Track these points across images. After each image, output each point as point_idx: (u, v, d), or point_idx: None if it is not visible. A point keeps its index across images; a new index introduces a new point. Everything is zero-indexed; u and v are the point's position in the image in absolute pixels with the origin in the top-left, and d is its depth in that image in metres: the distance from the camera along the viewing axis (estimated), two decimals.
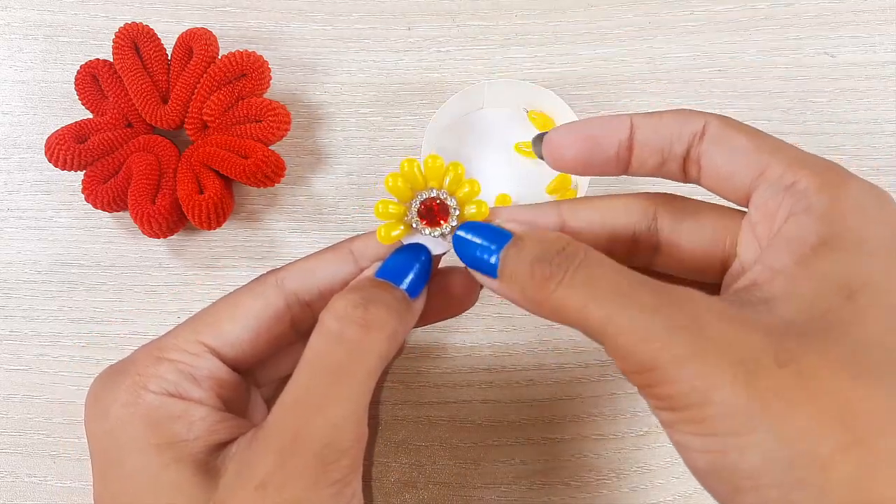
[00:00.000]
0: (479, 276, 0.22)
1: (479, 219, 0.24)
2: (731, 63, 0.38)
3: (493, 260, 0.21)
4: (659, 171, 0.23)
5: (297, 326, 0.25)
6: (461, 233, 0.23)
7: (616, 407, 0.34)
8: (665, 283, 0.19)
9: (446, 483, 0.33)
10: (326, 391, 0.21)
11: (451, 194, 0.25)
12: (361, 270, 0.25)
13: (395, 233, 0.24)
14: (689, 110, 0.22)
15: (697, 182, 0.23)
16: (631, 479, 0.33)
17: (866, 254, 0.18)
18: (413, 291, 0.23)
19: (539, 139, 0.24)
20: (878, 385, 0.16)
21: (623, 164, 0.23)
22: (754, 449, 0.16)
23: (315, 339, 0.22)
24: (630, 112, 0.23)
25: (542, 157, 0.24)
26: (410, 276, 0.23)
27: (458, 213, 0.24)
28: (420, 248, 0.24)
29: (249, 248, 0.36)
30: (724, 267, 0.22)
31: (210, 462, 0.22)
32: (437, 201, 0.24)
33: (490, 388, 0.34)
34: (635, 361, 0.18)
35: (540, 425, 0.34)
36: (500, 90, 0.36)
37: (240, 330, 0.24)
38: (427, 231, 0.24)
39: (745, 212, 0.22)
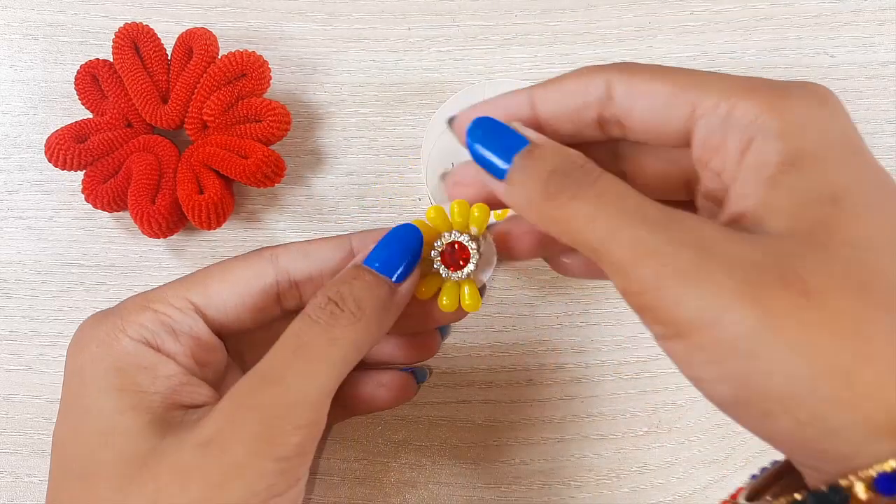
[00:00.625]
0: (485, 177, 0.22)
1: (482, 221, 0.24)
2: (731, 63, 0.38)
3: (502, 164, 0.21)
4: (576, 138, 0.22)
5: (283, 302, 0.26)
6: (473, 131, 0.22)
7: (616, 407, 0.34)
8: (672, 208, 0.18)
9: (446, 483, 0.33)
10: (285, 367, 0.21)
11: (473, 236, 0.25)
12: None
13: (430, 287, 0.25)
14: (590, 70, 0.21)
15: (624, 138, 0.22)
16: (631, 479, 0.33)
17: (834, 162, 0.18)
18: (400, 276, 0.23)
19: (451, 121, 0.23)
20: (881, 296, 0.16)
21: None
22: (777, 371, 0.16)
23: (291, 324, 0.22)
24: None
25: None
26: (397, 261, 0.24)
27: (476, 252, 0.24)
28: (411, 230, 0.24)
29: (249, 248, 0.36)
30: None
31: (167, 419, 0.22)
32: (459, 244, 0.25)
33: (490, 388, 0.34)
34: (637, 279, 0.17)
35: (540, 425, 0.34)
36: (500, 90, 0.36)
37: (227, 294, 0.24)
38: (455, 276, 0.25)
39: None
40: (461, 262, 0.24)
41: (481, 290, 0.25)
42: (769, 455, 0.33)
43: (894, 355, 0.16)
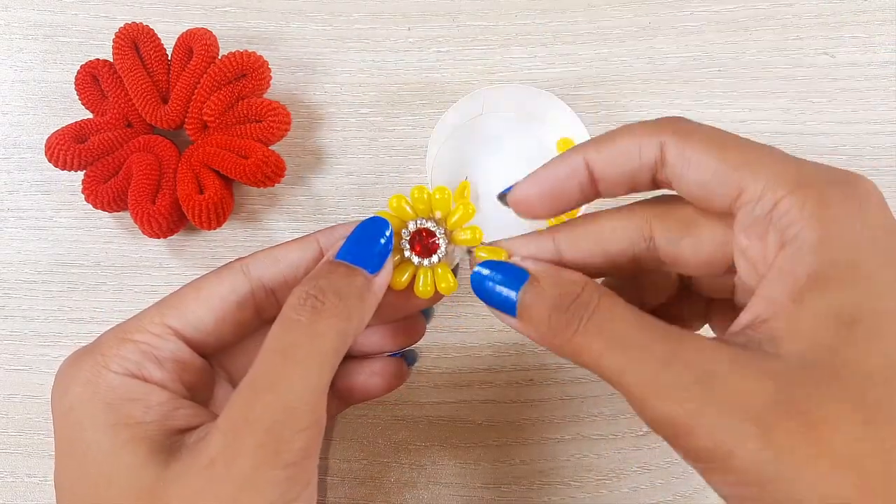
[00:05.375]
0: (500, 316, 0.23)
1: (473, 244, 0.25)
2: (731, 63, 0.38)
3: (511, 297, 0.22)
4: (634, 192, 0.23)
5: (261, 313, 0.25)
6: (479, 270, 0.23)
7: (616, 407, 0.34)
8: (675, 331, 0.19)
9: (446, 483, 0.33)
10: (277, 372, 0.21)
11: (439, 221, 0.25)
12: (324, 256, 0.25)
13: (404, 277, 0.25)
14: (643, 129, 0.21)
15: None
16: (631, 479, 0.33)
17: (860, 279, 0.18)
18: (374, 267, 0.23)
19: (503, 197, 0.24)
20: (885, 429, 0.17)
21: (593, 196, 0.23)
22: (783, 499, 0.17)
23: (273, 327, 0.22)
24: (598, 135, 0.22)
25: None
26: (369, 253, 0.24)
27: (444, 236, 0.25)
28: (379, 221, 0.24)
29: (249, 248, 0.36)
30: (732, 268, 0.22)
31: (166, 446, 0.22)
32: (425, 230, 0.25)
33: (490, 388, 0.34)
34: (652, 415, 0.19)
35: (540, 425, 0.34)
36: (498, 96, 0.36)
37: (204, 313, 0.24)
38: (426, 262, 0.25)
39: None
40: (431, 248, 0.25)
41: (455, 270, 0.25)
42: None
43: (891, 487, 0.16)
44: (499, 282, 0.22)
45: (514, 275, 0.22)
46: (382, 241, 0.24)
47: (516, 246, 0.24)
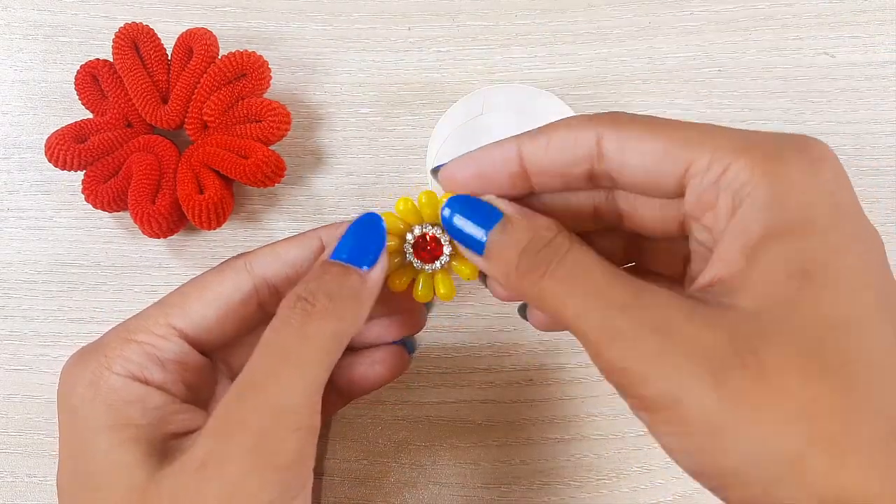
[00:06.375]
0: (465, 252, 0.23)
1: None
2: (731, 63, 0.38)
3: (480, 237, 0.22)
4: (568, 189, 0.22)
5: (264, 309, 0.25)
6: (453, 202, 0.23)
7: (616, 407, 0.34)
8: (639, 282, 0.19)
9: (446, 483, 0.33)
10: (269, 374, 0.21)
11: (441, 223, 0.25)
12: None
13: (404, 280, 0.25)
14: (579, 121, 0.21)
15: (615, 188, 0.22)
16: (631, 479, 0.33)
17: (813, 233, 0.18)
18: (369, 263, 0.23)
19: (435, 172, 0.24)
20: (836, 378, 0.17)
21: (524, 189, 0.23)
22: (731, 449, 0.17)
23: (265, 331, 0.22)
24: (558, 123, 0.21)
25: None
26: (363, 250, 0.24)
27: (448, 243, 0.25)
28: (371, 218, 0.24)
29: (249, 248, 0.36)
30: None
31: (164, 448, 0.22)
32: (431, 236, 0.25)
33: (490, 388, 0.34)
34: (607, 360, 0.19)
35: (540, 425, 0.34)
36: (498, 95, 0.36)
37: (207, 311, 0.24)
38: (428, 267, 0.25)
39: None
40: (434, 254, 0.25)
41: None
42: None
43: (846, 437, 0.16)
44: (470, 218, 0.22)
45: (487, 213, 0.22)
46: (375, 237, 0.24)
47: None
